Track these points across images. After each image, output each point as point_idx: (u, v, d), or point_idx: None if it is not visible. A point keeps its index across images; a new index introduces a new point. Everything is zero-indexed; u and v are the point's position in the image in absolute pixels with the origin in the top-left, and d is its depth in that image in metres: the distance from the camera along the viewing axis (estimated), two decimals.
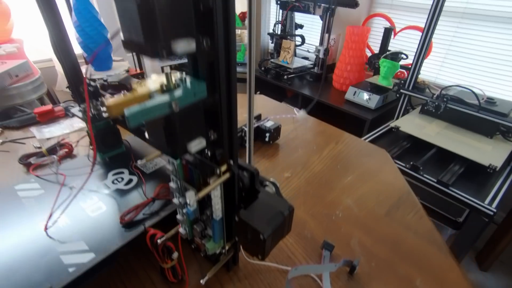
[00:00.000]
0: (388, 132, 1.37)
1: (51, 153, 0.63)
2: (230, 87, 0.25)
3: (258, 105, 0.92)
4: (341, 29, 1.90)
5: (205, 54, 0.23)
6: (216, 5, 0.21)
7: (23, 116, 0.79)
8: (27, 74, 1.13)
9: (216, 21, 0.21)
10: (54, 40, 0.47)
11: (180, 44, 0.21)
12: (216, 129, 0.27)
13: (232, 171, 0.27)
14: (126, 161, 0.50)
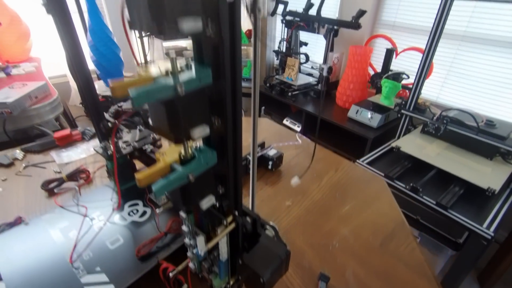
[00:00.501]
0: (389, 151, 1.40)
1: (71, 179, 0.68)
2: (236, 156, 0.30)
3: (261, 129, 0.96)
4: (344, 48, 1.95)
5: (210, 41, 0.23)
6: None
7: (43, 140, 0.85)
8: (45, 95, 1.20)
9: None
10: (70, 58, 0.50)
11: (187, 23, 0.21)
12: (223, 184, 0.32)
13: (237, 221, 0.32)
14: (140, 192, 0.55)
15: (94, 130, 0.57)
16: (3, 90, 1.11)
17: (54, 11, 0.45)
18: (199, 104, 0.26)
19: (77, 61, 0.52)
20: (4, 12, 1.50)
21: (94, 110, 0.56)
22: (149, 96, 0.22)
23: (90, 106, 0.55)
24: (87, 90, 0.54)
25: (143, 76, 0.23)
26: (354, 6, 1.81)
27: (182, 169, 0.26)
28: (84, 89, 0.53)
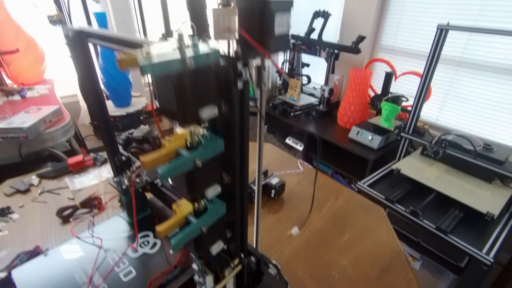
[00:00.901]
0: (389, 173, 1.43)
1: (84, 206, 0.72)
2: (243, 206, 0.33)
3: (264, 156, 1.00)
4: (345, 70, 2.02)
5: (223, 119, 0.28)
6: (233, 79, 0.26)
7: (57, 166, 0.90)
8: (59, 118, 1.25)
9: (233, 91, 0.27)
10: (83, 80, 0.54)
11: (207, 112, 0.26)
12: (231, 229, 0.35)
13: (243, 263, 0.35)
14: (150, 223, 0.58)
15: (109, 162, 0.62)
16: (20, 114, 1.17)
17: (74, 45, 0.50)
18: (213, 165, 0.30)
19: (90, 83, 0.54)
20: (21, 38, 1.59)
21: (110, 144, 0.60)
22: (173, 171, 0.26)
23: (106, 141, 0.59)
24: (104, 126, 0.58)
25: (167, 150, 0.27)
26: (354, 31, 1.89)
27: (196, 222, 0.30)
28: (102, 126, 0.58)
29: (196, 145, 0.27)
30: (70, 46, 0.49)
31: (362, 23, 1.82)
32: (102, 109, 0.56)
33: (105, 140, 0.59)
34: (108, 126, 0.58)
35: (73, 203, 0.75)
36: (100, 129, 0.58)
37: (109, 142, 0.59)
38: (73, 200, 0.77)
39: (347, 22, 1.93)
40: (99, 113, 0.56)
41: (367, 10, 1.77)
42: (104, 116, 0.57)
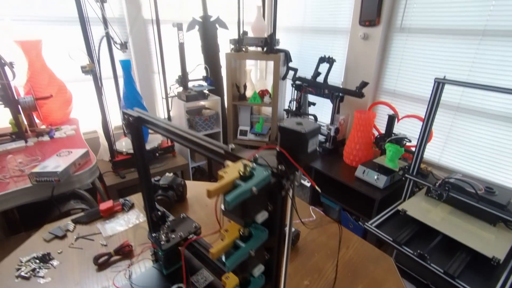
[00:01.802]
0: (396, 213, 1.48)
1: (117, 253, 0.79)
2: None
3: None
4: (349, 110, 2.13)
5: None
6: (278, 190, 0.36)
7: (89, 212, 0.98)
8: (86, 161, 1.36)
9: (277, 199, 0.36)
10: (136, 152, 0.62)
11: (262, 217, 0.35)
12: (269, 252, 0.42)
13: None
14: (180, 275, 0.65)
15: (146, 218, 0.70)
16: (52, 158, 1.27)
17: (131, 126, 0.60)
18: (259, 248, 0.38)
19: (143, 168, 0.64)
20: (53, 83, 1.74)
21: (149, 202, 0.68)
22: (237, 199, 0.32)
23: (146, 201, 0.68)
24: (146, 189, 0.67)
25: (227, 180, 0.34)
26: (357, 75, 2.03)
27: (245, 245, 0.36)
28: (144, 188, 0.66)
29: (250, 176, 0.34)
30: (127, 126, 0.59)
31: (365, 68, 1.97)
32: (146, 176, 0.65)
33: (145, 199, 0.67)
34: (149, 188, 0.67)
35: (106, 249, 0.82)
36: (142, 191, 0.67)
37: (148, 201, 0.68)
38: (106, 246, 0.84)
39: (350, 67, 2.08)
40: (144, 179, 0.65)
41: (369, 56, 1.92)
42: (147, 181, 0.66)
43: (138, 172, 0.64)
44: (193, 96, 2.24)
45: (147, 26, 2.20)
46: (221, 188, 0.32)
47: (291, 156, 0.34)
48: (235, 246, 0.35)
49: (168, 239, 0.63)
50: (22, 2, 1.72)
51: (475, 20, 1.45)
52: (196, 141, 0.46)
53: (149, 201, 0.68)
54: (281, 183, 0.34)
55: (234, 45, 2.33)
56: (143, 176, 0.64)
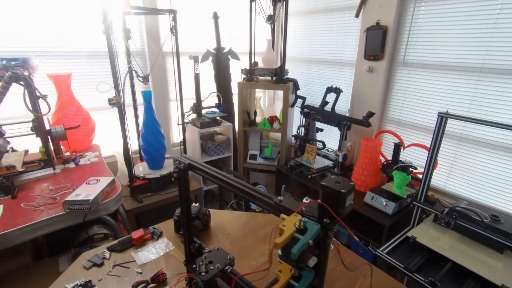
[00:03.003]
0: (405, 239, 1.54)
1: (153, 281, 0.86)
2: None
3: None
4: (355, 137, 2.23)
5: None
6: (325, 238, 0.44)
7: (122, 240, 1.06)
8: (112, 188, 1.45)
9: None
10: (182, 203, 0.71)
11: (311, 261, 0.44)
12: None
13: None
14: None
15: (184, 251, 0.77)
16: (82, 186, 1.37)
17: (181, 172, 0.70)
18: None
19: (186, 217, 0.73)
20: (79, 114, 1.87)
21: (189, 236, 0.76)
22: (300, 249, 0.41)
23: (186, 233, 0.76)
24: (187, 224, 0.75)
25: (288, 234, 0.43)
26: (362, 104, 2.15)
27: (298, 285, 0.44)
28: (185, 224, 0.75)
29: (304, 229, 0.43)
30: (179, 172, 0.68)
31: (370, 98, 2.09)
32: (188, 215, 0.74)
33: (185, 233, 0.76)
34: (189, 223, 0.76)
35: (142, 277, 0.89)
36: (183, 226, 0.75)
37: (188, 236, 0.76)
38: (141, 274, 0.92)
39: (356, 97, 2.20)
40: (186, 216, 0.73)
41: (374, 87, 2.04)
42: (188, 218, 0.74)
43: (181, 210, 0.73)
44: (206, 123, 2.36)
45: (165, 58, 2.36)
46: (285, 240, 0.41)
47: (333, 210, 0.43)
48: (289, 285, 0.43)
49: (207, 270, 0.71)
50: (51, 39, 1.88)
51: (473, 58, 1.57)
52: (247, 191, 0.54)
53: (189, 236, 0.76)
54: (327, 234, 0.43)
55: (246, 75, 2.47)
56: (185, 214, 0.73)
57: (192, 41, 2.49)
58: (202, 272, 0.70)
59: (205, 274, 0.70)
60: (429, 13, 1.72)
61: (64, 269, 1.37)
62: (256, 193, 0.52)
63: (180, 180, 0.69)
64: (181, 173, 0.69)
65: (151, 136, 1.99)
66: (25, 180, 1.52)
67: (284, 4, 2.27)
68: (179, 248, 1.04)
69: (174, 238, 1.09)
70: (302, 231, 0.41)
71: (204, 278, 0.68)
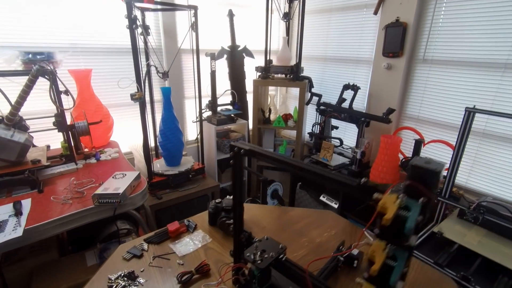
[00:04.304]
0: (431, 235, 1.53)
1: (197, 272, 0.85)
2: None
3: (332, 224, 1.14)
4: (373, 134, 2.23)
5: None
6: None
7: (159, 233, 1.05)
8: (138, 183, 1.44)
9: None
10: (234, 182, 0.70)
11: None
12: None
13: None
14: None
15: (234, 240, 0.77)
16: (110, 181, 1.36)
17: (239, 157, 0.69)
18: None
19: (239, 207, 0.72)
20: (99, 110, 1.86)
21: (239, 224, 0.76)
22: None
23: (237, 221, 0.75)
24: (238, 215, 0.74)
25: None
26: (380, 101, 2.15)
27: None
28: (237, 214, 0.74)
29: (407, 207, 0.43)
30: (235, 157, 0.68)
31: (388, 95, 2.09)
32: (241, 202, 0.73)
33: (236, 222, 0.75)
34: (241, 211, 0.75)
35: (184, 268, 0.88)
36: (234, 213, 0.74)
37: (239, 224, 0.75)
38: (183, 265, 0.91)
39: (373, 94, 2.20)
40: (238, 204, 0.73)
41: (393, 85, 2.04)
42: (241, 206, 0.74)
43: (234, 197, 0.73)
44: (223, 120, 2.35)
45: (181, 55, 2.36)
46: (393, 217, 0.41)
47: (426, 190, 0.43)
48: (386, 265, 0.43)
49: (261, 259, 0.70)
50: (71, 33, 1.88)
51: (497, 53, 1.57)
52: (326, 175, 0.54)
53: (240, 225, 0.75)
54: (425, 213, 0.42)
55: (261, 73, 2.47)
56: (237, 202, 0.72)
57: (207, 38, 2.49)
58: (258, 261, 0.69)
59: (262, 262, 0.69)
60: (451, 9, 1.73)
61: (92, 264, 1.37)
62: (335, 176, 0.51)
63: (236, 165, 0.69)
64: (238, 159, 0.68)
65: (170, 133, 1.98)
66: (49, 175, 1.51)
67: (301, 1, 2.27)
68: (217, 240, 1.03)
69: (210, 230, 1.08)
70: (404, 209, 0.41)
71: (262, 266, 0.68)
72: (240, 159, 0.69)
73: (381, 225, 0.44)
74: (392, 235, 0.44)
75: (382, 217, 0.43)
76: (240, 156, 0.68)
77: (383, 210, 0.41)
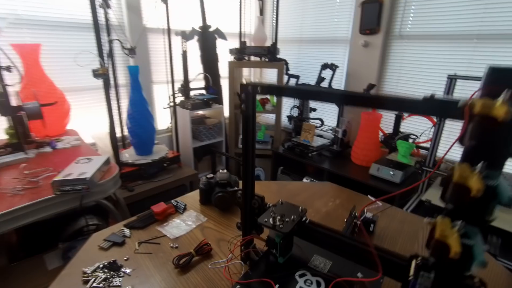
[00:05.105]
0: (420, 204, 1.54)
1: (198, 253, 0.71)
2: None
3: (334, 194, 1.07)
4: (352, 113, 2.23)
5: None
6: None
7: (143, 216, 0.88)
8: (108, 168, 1.23)
9: None
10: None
11: None
12: None
13: None
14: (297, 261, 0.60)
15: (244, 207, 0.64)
16: (72, 166, 1.13)
17: (249, 95, 0.56)
18: None
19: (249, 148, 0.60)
20: (53, 93, 1.59)
21: (251, 187, 0.63)
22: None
23: (247, 183, 0.63)
24: (250, 169, 0.62)
25: None
26: (358, 80, 2.15)
27: None
28: (249, 171, 0.62)
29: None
30: (247, 97, 0.55)
31: (366, 73, 2.09)
32: (253, 157, 0.61)
33: (246, 184, 0.62)
34: (253, 170, 0.63)
35: (179, 251, 0.74)
36: (244, 174, 0.62)
37: (251, 186, 0.63)
38: (177, 248, 0.76)
39: (351, 73, 2.19)
40: (249, 161, 0.60)
41: (370, 62, 2.05)
42: (252, 164, 0.61)
43: (245, 148, 0.60)
44: (198, 104, 2.18)
45: (148, 35, 2.14)
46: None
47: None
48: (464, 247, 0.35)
49: (283, 223, 0.59)
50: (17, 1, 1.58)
51: (469, 25, 1.63)
52: (379, 97, 0.44)
53: (251, 187, 0.63)
54: None
55: (236, 55, 2.34)
56: (250, 154, 0.60)
57: (176, 18, 2.29)
58: (279, 225, 0.58)
59: (284, 227, 0.57)
60: None
61: (54, 267, 1.14)
62: (396, 96, 0.41)
63: (247, 104, 0.56)
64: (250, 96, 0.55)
65: (140, 116, 1.77)
66: None
67: None
68: (213, 219, 0.89)
69: (203, 210, 0.94)
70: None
71: (285, 229, 0.56)
72: (253, 98, 0.56)
73: (461, 200, 0.36)
74: (475, 211, 0.36)
75: (459, 191, 0.36)
76: (254, 95, 0.55)
77: (462, 180, 0.33)
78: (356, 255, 0.55)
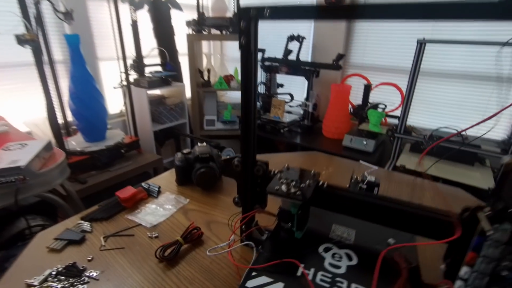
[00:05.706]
0: (395, 169, 1.56)
1: (187, 240, 0.57)
2: None
3: (322, 163, 0.99)
4: (321, 86, 2.18)
5: None
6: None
7: (106, 205, 0.70)
8: (50, 155, 0.98)
9: None
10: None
11: None
12: None
13: None
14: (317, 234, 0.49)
15: (243, 177, 0.51)
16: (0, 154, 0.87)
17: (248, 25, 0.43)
18: None
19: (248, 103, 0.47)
20: None
21: (253, 152, 0.50)
22: None
23: (249, 147, 0.49)
24: (253, 134, 0.49)
25: None
26: (325, 52, 2.10)
27: None
28: (250, 134, 0.48)
29: None
30: (246, 24, 0.41)
31: (332, 45, 2.05)
32: (254, 116, 0.47)
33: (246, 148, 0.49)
34: (255, 133, 0.50)
35: (160, 241, 0.59)
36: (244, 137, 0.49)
37: (253, 149, 0.50)
38: (158, 237, 0.60)
39: (317, 45, 2.13)
40: (251, 123, 0.47)
41: (336, 34, 2.00)
42: (254, 126, 0.48)
43: (243, 101, 0.47)
44: (155, 82, 1.94)
45: (87, 2, 1.80)
46: None
47: None
48: None
49: (297, 190, 0.47)
50: None
51: None
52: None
53: (253, 150, 0.50)
54: None
55: (194, 27, 2.12)
56: (251, 107, 0.47)
57: None
58: (297, 192, 0.46)
59: (301, 194, 0.46)
60: None
61: None
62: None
63: (249, 36, 0.42)
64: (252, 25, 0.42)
65: (85, 96, 1.49)
66: None
67: None
68: (196, 199, 0.74)
69: (182, 191, 0.78)
70: None
71: (306, 196, 0.45)
72: (256, 27, 0.43)
73: None
74: None
75: None
76: (256, 21, 0.42)
77: None
78: (389, 217, 0.46)
